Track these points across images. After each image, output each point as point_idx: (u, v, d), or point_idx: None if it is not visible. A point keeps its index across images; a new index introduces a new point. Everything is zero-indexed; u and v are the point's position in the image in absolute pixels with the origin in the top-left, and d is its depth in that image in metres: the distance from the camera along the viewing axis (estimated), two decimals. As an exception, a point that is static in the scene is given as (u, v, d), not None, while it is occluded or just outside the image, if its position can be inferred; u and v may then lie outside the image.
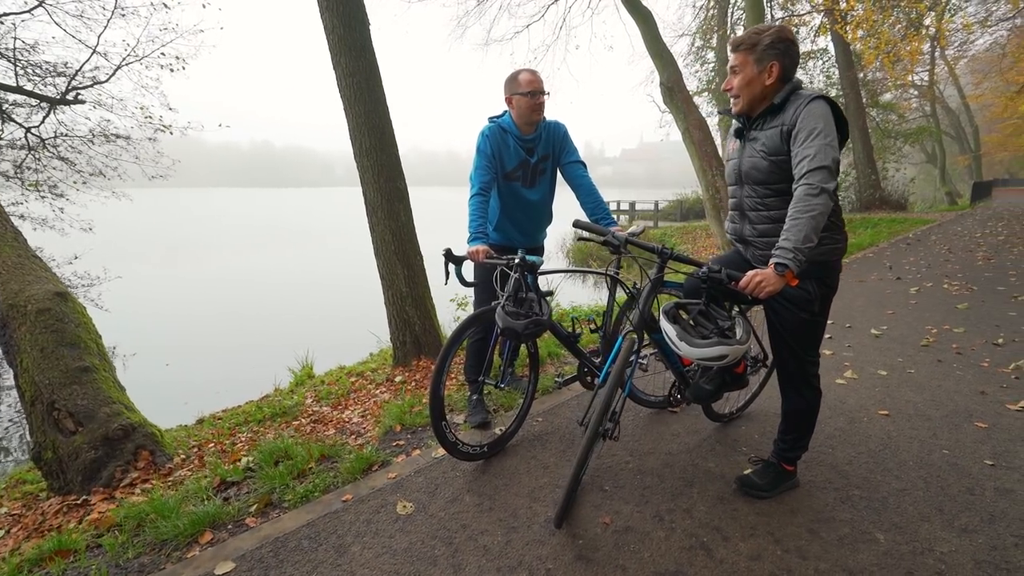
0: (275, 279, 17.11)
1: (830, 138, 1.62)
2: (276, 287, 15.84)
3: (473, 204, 2.50)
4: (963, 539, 1.79)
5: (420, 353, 4.62)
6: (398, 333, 4.57)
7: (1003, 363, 3.34)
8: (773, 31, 1.72)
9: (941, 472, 2.18)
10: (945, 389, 2.98)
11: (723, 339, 1.68)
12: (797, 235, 1.57)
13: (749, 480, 2.06)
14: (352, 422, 3.65)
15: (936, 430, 2.52)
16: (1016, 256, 7.67)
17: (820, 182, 1.58)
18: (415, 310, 4.51)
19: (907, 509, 1.95)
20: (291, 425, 3.79)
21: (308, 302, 14.03)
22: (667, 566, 1.69)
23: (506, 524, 1.93)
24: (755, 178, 1.82)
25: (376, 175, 4.23)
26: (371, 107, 4.18)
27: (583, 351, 2.50)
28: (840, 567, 1.67)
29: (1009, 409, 2.71)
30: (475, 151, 2.60)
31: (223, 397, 5.41)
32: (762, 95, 1.78)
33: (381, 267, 4.42)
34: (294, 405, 4.15)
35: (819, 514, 1.94)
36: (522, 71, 2.54)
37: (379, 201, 4.27)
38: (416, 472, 2.33)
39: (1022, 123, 22.67)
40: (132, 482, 2.91)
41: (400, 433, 2.83)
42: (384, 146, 4.27)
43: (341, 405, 4.17)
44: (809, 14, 15.46)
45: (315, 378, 5.38)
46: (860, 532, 1.83)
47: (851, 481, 2.13)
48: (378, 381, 4.55)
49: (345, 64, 4.07)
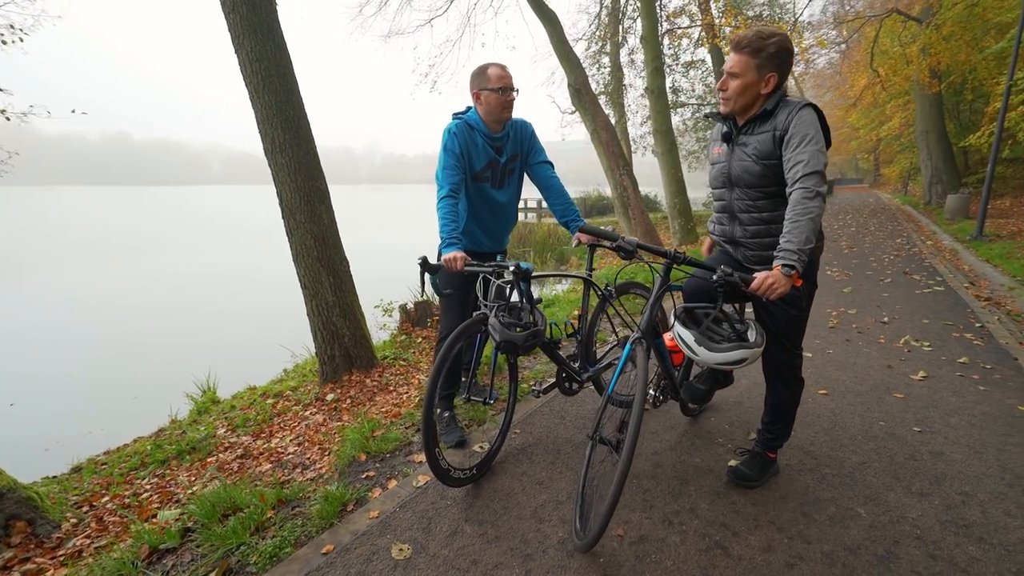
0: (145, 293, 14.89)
1: (820, 144, 1.70)
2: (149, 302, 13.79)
3: (444, 207, 2.31)
4: (923, 503, 2.01)
5: (352, 367, 4.28)
6: (325, 346, 4.18)
7: (895, 339, 3.88)
8: (777, 40, 1.75)
9: (885, 442, 2.45)
10: (861, 366, 3.38)
11: (742, 343, 1.71)
12: (799, 237, 1.63)
13: (739, 471, 2.14)
14: (289, 452, 3.26)
15: (868, 404, 2.84)
16: (870, 245, 9.07)
17: (815, 186, 1.66)
18: (344, 320, 4.16)
19: (872, 481, 2.15)
20: (208, 463, 3.28)
21: (194, 317, 12.41)
22: (693, 572, 1.69)
23: (519, 552, 1.80)
24: (747, 181, 1.87)
25: (293, 173, 3.82)
26: (284, 97, 3.76)
27: (563, 357, 2.43)
28: (841, 546, 1.78)
29: (913, 380, 3.14)
30: (441, 149, 2.40)
31: (99, 437, 4.56)
32: (753, 101, 1.82)
33: (302, 275, 4.01)
34: (204, 438, 3.61)
35: (805, 496, 2.06)
36: (491, 65, 2.39)
37: (298, 202, 3.86)
38: (401, 506, 2.10)
39: (852, 131, 27.00)
40: (6, 565, 2.29)
41: (366, 463, 2.55)
42: (300, 141, 3.87)
43: (265, 433, 3.71)
44: (689, 28, 16.99)
45: (221, 403, 4.75)
46: (844, 509, 1.98)
47: (820, 461, 2.31)
48: (305, 401, 4.13)
49: (250, 48, 3.62)
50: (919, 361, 3.42)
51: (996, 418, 2.63)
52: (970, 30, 12.30)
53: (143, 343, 10.29)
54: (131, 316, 12.52)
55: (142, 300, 14.11)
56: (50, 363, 9.70)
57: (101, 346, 10.37)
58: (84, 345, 10.42)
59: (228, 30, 3.67)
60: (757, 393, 2.96)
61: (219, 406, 4.64)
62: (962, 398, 2.86)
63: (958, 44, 12.40)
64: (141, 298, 14.36)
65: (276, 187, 3.89)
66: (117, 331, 11.23)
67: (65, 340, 10.72)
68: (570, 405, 2.93)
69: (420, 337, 5.35)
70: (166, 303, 13.66)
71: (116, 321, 12.05)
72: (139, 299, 14.24)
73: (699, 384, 2.13)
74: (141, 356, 9.49)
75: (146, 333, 11.01)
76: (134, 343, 10.35)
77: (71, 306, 13.56)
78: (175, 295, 14.55)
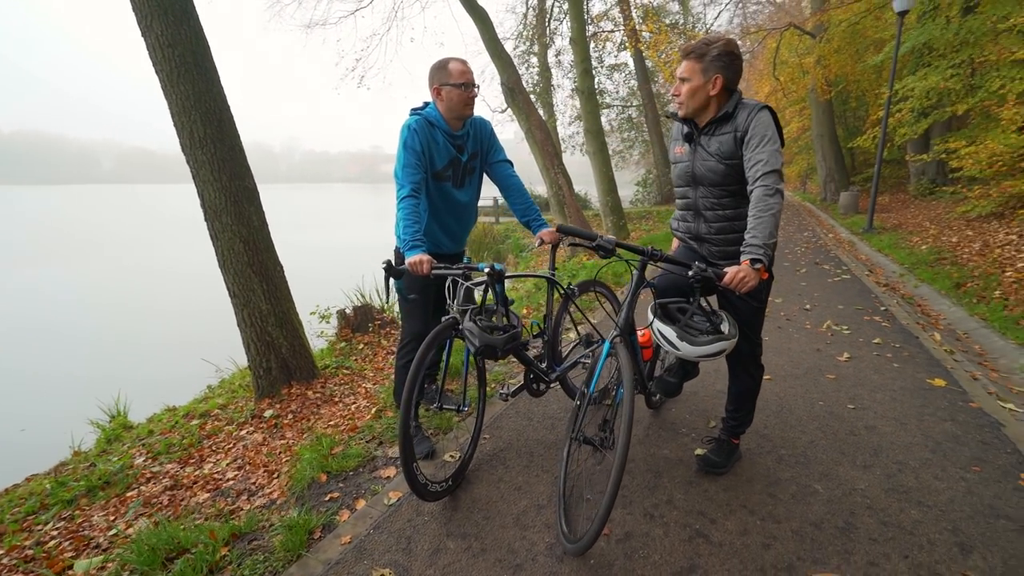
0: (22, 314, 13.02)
1: (777, 144, 1.80)
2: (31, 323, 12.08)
3: (406, 207, 2.19)
4: (868, 474, 2.20)
5: (291, 379, 4.02)
6: (260, 359, 3.89)
7: (818, 324, 4.25)
8: (720, 44, 1.84)
9: (827, 421, 2.66)
10: (795, 351, 3.66)
11: (719, 336, 1.76)
12: (763, 232, 1.71)
13: (708, 459, 2.23)
14: (229, 478, 2.99)
15: (807, 386, 3.07)
16: (783, 238, 9.90)
17: (774, 183, 1.75)
18: (280, 330, 3.89)
19: (822, 457, 2.33)
20: (129, 498, 2.93)
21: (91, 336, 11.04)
22: (681, 563, 1.72)
23: (508, 563, 1.75)
24: (711, 180, 1.94)
25: (216, 171, 3.52)
26: (203, 88, 3.45)
27: (531, 358, 2.40)
28: (807, 522, 1.90)
29: (840, 361, 3.45)
30: (400, 146, 2.28)
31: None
32: (705, 103, 1.90)
33: (231, 282, 3.70)
34: (120, 470, 3.22)
35: (768, 478, 2.19)
36: (451, 60, 2.30)
37: (223, 203, 3.55)
38: (375, 528, 1.96)
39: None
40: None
41: (328, 483, 2.37)
42: (224, 136, 3.57)
43: (195, 459, 3.39)
44: (612, 32, 17.66)
45: (136, 428, 4.29)
46: (803, 487, 2.12)
47: (775, 443, 2.46)
48: (239, 420, 3.82)
49: (160, 31, 3.28)
50: (842, 344, 3.76)
51: (912, 392, 2.94)
52: (854, 44, 13.81)
53: (31, 370, 9.01)
54: (10, 340, 10.91)
55: (21, 321, 12.34)
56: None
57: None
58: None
59: (132, 9, 3.29)
60: (710, 382, 3.11)
61: (133, 432, 4.17)
62: (882, 375, 3.18)
63: (845, 57, 13.88)
64: (19, 319, 12.55)
65: (197, 187, 3.55)
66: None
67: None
68: (536, 406, 2.92)
69: (362, 343, 5.12)
70: (51, 324, 12.04)
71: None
72: (17, 320, 12.44)
73: (670, 378, 2.19)
74: (29, 386, 8.30)
75: (34, 358, 9.65)
76: (17, 371, 9.03)
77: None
78: (61, 314, 12.86)
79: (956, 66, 9.11)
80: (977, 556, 1.72)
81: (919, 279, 5.81)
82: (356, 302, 6.41)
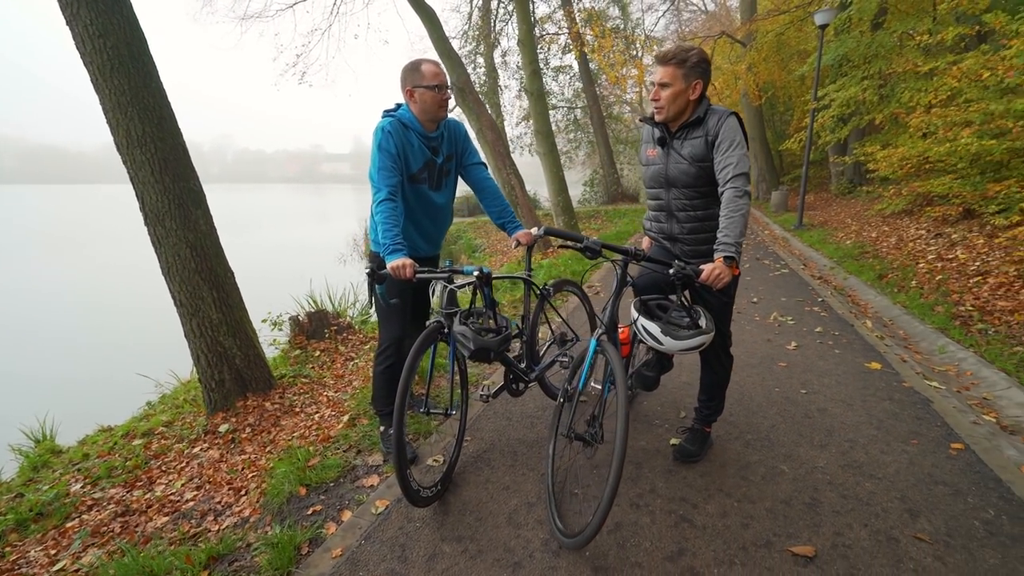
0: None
1: (744, 149, 1.93)
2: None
3: (384, 210, 2.16)
4: (825, 453, 2.39)
5: (246, 391, 3.86)
6: (212, 371, 3.70)
7: (766, 316, 4.56)
8: (697, 52, 1.94)
9: (784, 406, 2.87)
10: (748, 342, 3.91)
11: (699, 330, 1.87)
12: (735, 231, 1.83)
13: (683, 449, 2.35)
14: (188, 500, 2.83)
15: (763, 374, 3.29)
16: (722, 235, 10.48)
17: (743, 186, 1.88)
18: (233, 339, 3.72)
19: (784, 440, 2.51)
20: (71, 529, 2.72)
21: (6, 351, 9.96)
22: (670, 548, 1.81)
23: (507, 562, 1.77)
24: (683, 182, 2.05)
25: (158, 172, 3.32)
26: (140, 82, 3.25)
27: (511, 359, 2.43)
28: (778, 500, 2.06)
29: (789, 350, 3.72)
30: (375, 149, 2.24)
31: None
32: (684, 108, 2.00)
33: (177, 291, 3.50)
34: (54, 499, 2.98)
35: (739, 462, 2.33)
36: (424, 62, 2.28)
37: (166, 206, 3.36)
38: (366, 538, 1.92)
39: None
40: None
41: (308, 497, 2.29)
42: (165, 135, 3.38)
43: (142, 481, 3.18)
44: (557, 34, 17.98)
45: (67, 452, 3.96)
46: (771, 468, 2.28)
47: (741, 428, 2.63)
48: (190, 437, 3.62)
49: (89, 19, 3.07)
50: (789, 334, 4.05)
51: (854, 375, 3.23)
52: (780, 54, 14.84)
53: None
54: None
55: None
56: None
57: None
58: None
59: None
60: (676, 374, 3.26)
61: (64, 456, 3.84)
62: (827, 361, 3.47)
63: (772, 65, 14.89)
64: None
65: (136, 189, 3.33)
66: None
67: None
68: (513, 406, 2.95)
69: (318, 350, 4.96)
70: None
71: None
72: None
73: (648, 372, 2.29)
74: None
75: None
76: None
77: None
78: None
79: (869, 77, 10.01)
80: (924, 519, 1.92)
81: (847, 271, 6.35)
82: (308, 307, 6.19)
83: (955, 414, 2.71)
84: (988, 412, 2.87)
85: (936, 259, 5.77)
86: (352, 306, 6.77)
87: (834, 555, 1.76)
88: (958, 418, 2.67)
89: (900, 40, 9.72)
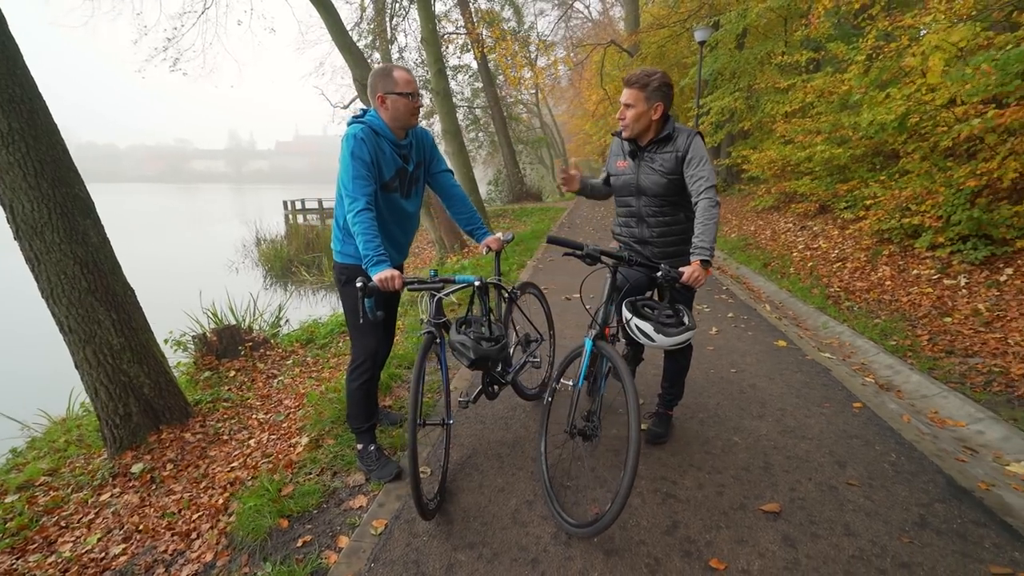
0: None
1: (711, 164, 2.19)
2: None
3: (363, 221, 2.09)
4: (764, 422, 2.78)
5: (159, 423, 3.48)
6: (115, 404, 3.30)
7: (684, 305, 5.06)
8: (658, 76, 2.15)
9: (722, 386, 3.25)
10: (676, 329, 4.33)
11: (686, 327, 2.07)
12: (709, 237, 2.07)
13: (653, 432, 2.58)
14: (117, 555, 2.51)
15: (697, 359, 3.66)
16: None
17: (715, 196, 2.13)
18: (139, 367, 3.35)
19: (730, 415, 2.86)
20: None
21: None
22: (665, 522, 2.01)
23: (524, 560, 1.84)
24: (654, 191, 2.26)
25: (32, 176, 2.90)
26: (2, 68, 2.79)
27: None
28: (738, 467, 2.36)
29: (712, 335, 4.19)
30: (348, 156, 2.15)
31: None
32: (648, 126, 2.21)
33: (64, 316, 3.07)
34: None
35: (700, 438, 2.62)
36: (395, 68, 2.24)
37: (45, 217, 2.94)
38: (374, 561, 1.87)
39: (586, 137, 32.83)
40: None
41: (292, 528, 2.14)
42: (39, 132, 2.95)
43: (36, 543, 2.76)
44: (455, 34, 17.96)
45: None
46: (727, 440, 2.60)
47: (693, 409, 2.94)
48: (92, 483, 3.20)
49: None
50: (708, 320, 4.56)
51: (769, 353, 3.75)
52: (663, 64, 16.29)
53: None
54: None
55: None
56: None
57: None
58: None
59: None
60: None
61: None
62: (744, 343, 3.97)
63: (656, 74, 16.30)
64: None
65: (2, 197, 2.84)
66: None
67: None
68: (485, 409, 2.99)
69: (232, 370, 4.57)
70: None
71: None
72: None
73: (625, 366, 2.47)
74: None
75: None
76: None
77: None
78: None
79: (739, 89, 11.44)
80: (851, 468, 2.33)
81: (738, 262, 7.25)
82: (210, 324, 5.62)
83: (849, 378, 3.29)
84: (867, 375, 3.51)
85: (805, 248, 6.81)
86: (259, 318, 6.28)
87: (794, 507, 2.08)
88: (852, 382, 3.24)
89: (762, 59, 11.24)
